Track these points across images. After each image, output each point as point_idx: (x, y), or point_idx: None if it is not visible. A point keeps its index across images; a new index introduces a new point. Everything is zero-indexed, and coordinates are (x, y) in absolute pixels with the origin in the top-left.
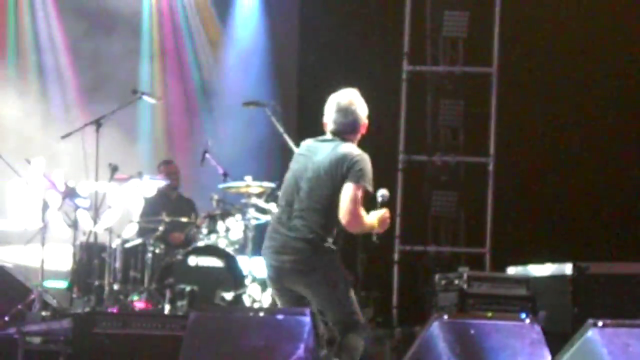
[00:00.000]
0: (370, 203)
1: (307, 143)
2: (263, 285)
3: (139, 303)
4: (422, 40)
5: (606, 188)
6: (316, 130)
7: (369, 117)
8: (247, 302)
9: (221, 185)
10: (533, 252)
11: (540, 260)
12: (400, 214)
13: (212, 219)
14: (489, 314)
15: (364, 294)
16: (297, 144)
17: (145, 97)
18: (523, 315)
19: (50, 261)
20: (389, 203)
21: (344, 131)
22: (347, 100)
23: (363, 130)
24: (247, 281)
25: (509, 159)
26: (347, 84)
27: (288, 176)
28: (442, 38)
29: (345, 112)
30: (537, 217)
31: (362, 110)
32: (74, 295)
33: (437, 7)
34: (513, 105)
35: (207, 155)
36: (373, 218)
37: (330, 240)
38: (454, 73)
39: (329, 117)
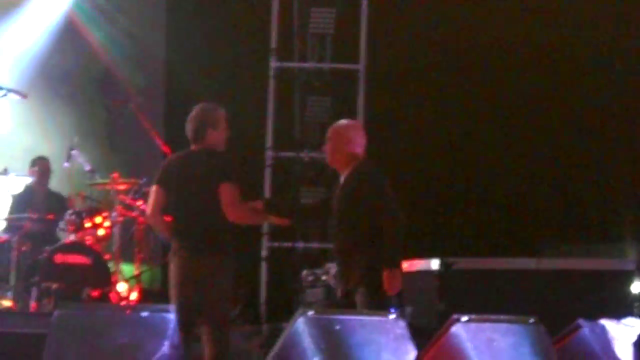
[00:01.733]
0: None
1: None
2: (130, 282)
3: (6, 302)
4: (289, 36)
5: (472, 185)
6: (183, 127)
7: (235, 114)
8: (114, 299)
9: (88, 182)
10: None
11: (407, 255)
12: None
13: (79, 215)
14: None
15: (232, 291)
16: (165, 140)
17: (10, 94)
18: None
19: None
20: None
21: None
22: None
23: None
24: (113, 278)
25: (376, 156)
26: (215, 81)
27: (175, 197)
28: (309, 35)
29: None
30: (405, 212)
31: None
32: None
33: (304, 4)
34: (380, 101)
35: (73, 152)
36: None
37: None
38: (321, 70)
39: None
